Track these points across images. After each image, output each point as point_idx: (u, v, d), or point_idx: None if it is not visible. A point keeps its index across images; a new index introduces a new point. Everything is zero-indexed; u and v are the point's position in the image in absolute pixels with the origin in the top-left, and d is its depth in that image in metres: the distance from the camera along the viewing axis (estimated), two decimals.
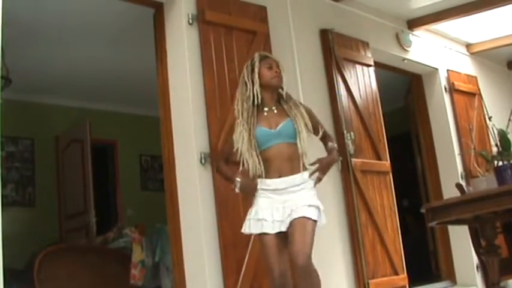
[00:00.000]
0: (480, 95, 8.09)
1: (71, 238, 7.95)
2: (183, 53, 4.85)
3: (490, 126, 5.83)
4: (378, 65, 6.78)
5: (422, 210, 4.41)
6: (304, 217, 3.42)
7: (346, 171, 5.80)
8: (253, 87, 3.63)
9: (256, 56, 3.76)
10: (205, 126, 4.68)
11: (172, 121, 4.87)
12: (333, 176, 5.74)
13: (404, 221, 7.74)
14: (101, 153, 9.27)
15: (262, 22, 5.38)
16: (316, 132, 3.74)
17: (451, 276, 7.35)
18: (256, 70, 3.67)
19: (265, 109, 3.66)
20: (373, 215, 5.91)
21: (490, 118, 6.33)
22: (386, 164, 6.32)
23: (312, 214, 3.47)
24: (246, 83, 3.68)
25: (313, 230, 3.47)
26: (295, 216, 3.43)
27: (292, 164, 3.58)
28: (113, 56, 7.38)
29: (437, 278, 7.50)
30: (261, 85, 3.65)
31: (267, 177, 3.58)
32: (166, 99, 4.95)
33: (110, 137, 9.48)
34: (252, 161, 3.57)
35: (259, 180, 3.61)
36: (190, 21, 4.90)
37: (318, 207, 3.55)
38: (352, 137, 5.87)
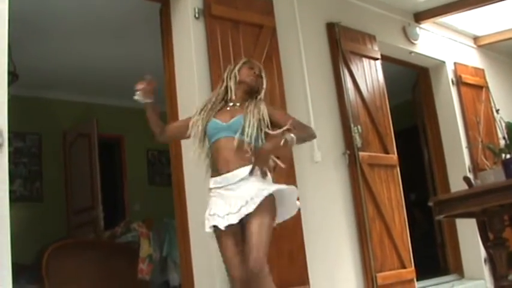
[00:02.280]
0: (487, 87, 8.07)
1: (79, 233, 7.97)
2: (190, 48, 4.85)
3: (497, 119, 5.84)
4: (384, 58, 6.77)
5: (430, 204, 4.41)
6: (259, 208, 3.29)
7: (354, 164, 5.80)
8: (229, 82, 3.66)
9: (241, 61, 3.80)
10: None
11: (179, 115, 4.86)
12: (340, 169, 5.75)
13: (412, 215, 7.72)
14: (108, 148, 9.29)
15: (268, 16, 5.37)
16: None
17: (459, 270, 7.34)
18: (236, 68, 3.70)
19: (230, 104, 3.65)
20: (381, 208, 5.90)
21: (497, 111, 6.33)
22: (393, 157, 6.31)
23: (263, 194, 3.31)
24: (223, 80, 3.73)
25: (269, 221, 3.36)
26: (246, 211, 3.31)
27: (240, 157, 3.46)
28: (120, 50, 7.40)
29: (444, 271, 7.49)
30: (236, 81, 3.67)
31: (216, 173, 3.54)
32: (172, 93, 4.96)
33: (117, 131, 9.50)
34: (197, 152, 3.62)
35: (210, 179, 3.58)
36: (197, 16, 4.90)
37: (268, 192, 3.35)
38: (359, 130, 5.87)
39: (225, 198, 3.46)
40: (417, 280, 6.12)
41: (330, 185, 5.62)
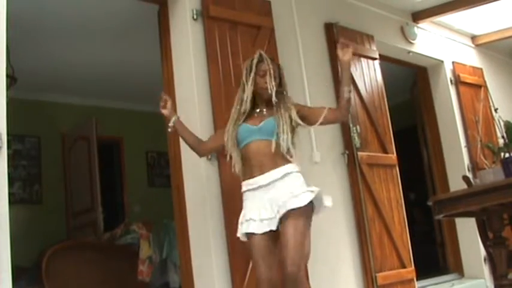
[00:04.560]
0: (486, 86, 8.07)
1: (79, 235, 7.98)
2: (188, 49, 4.85)
3: (496, 118, 5.82)
4: (383, 58, 6.77)
5: (429, 203, 4.41)
6: (294, 212, 3.38)
7: (353, 164, 5.80)
8: (248, 91, 3.70)
9: (256, 57, 3.78)
10: (211, 121, 4.68)
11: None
12: (340, 169, 5.75)
13: (411, 214, 7.73)
14: (107, 150, 9.29)
15: (266, 16, 5.37)
16: (317, 118, 3.74)
17: (459, 269, 7.35)
18: (252, 75, 3.71)
19: (257, 110, 3.72)
20: (380, 208, 5.90)
21: (496, 110, 6.31)
22: (392, 157, 6.31)
23: (301, 202, 3.41)
24: (244, 84, 3.75)
25: (305, 225, 3.42)
26: (283, 211, 3.40)
27: (273, 160, 3.55)
28: (118, 53, 7.39)
29: (444, 271, 7.50)
30: (253, 91, 3.71)
31: (249, 176, 3.61)
32: (171, 95, 4.94)
33: (116, 134, 9.50)
34: (234, 156, 3.70)
35: (243, 183, 3.67)
36: (195, 17, 4.90)
37: (309, 191, 3.47)
38: (358, 130, 5.87)
39: (258, 201, 3.54)
40: (417, 280, 6.13)
41: (329, 185, 5.61)
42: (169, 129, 4.00)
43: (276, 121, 3.60)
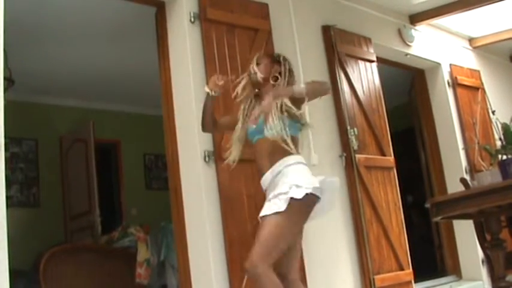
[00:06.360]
0: (483, 89, 8.08)
1: (76, 238, 7.97)
2: (186, 52, 4.85)
3: (493, 120, 5.84)
4: (380, 60, 6.77)
5: (427, 205, 4.41)
6: (263, 217, 3.40)
7: (350, 167, 5.79)
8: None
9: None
10: None
11: (176, 119, 4.87)
12: (337, 172, 5.74)
13: (409, 216, 7.72)
14: (104, 153, 9.28)
15: (264, 19, 5.38)
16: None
17: (457, 271, 7.34)
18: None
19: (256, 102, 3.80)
20: (378, 210, 5.90)
21: (493, 112, 6.34)
22: (390, 159, 6.31)
23: (271, 208, 3.36)
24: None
25: (277, 224, 3.33)
26: (263, 212, 3.43)
27: (270, 159, 3.56)
28: (115, 55, 7.39)
29: (442, 273, 7.49)
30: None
31: (259, 179, 3.68)
32: (169, 97, 4.96)
33: (114, 136, 9.50)
34: (233, 151, 3.81)
35: None
36: (192, 20, 4.90)
37: (283, 194, 3.36)
38: (356, 133, 5.87)
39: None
40: (415, 282, 6.12)
41: None
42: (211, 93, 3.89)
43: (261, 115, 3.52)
